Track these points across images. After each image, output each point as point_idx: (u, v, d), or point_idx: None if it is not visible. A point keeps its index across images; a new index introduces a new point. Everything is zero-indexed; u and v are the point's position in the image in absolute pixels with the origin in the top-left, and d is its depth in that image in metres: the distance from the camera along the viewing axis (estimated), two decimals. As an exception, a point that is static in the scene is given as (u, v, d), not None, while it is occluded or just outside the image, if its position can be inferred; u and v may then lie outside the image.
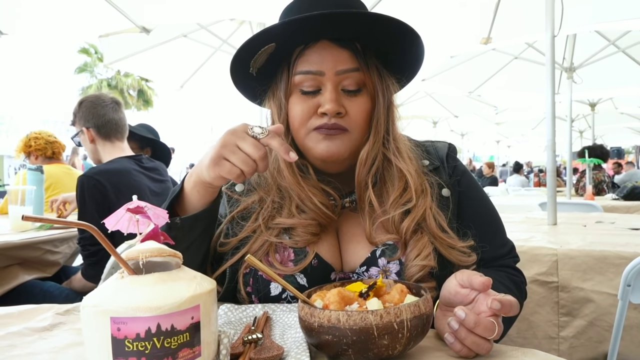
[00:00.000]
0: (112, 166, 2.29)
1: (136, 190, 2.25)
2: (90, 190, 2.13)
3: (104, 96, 2.48)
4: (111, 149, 2.42)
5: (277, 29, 0.93)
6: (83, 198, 2.14)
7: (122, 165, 2.32)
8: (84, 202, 2.14)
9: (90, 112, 2.39)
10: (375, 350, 0.65)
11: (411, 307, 0.66)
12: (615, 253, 1.70)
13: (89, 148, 2.46)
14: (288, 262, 0.95)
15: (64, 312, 0.93)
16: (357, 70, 0.96)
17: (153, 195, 2.41)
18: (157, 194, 2.43)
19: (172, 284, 0.59)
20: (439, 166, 1.07)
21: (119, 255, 0.60)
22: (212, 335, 0.63)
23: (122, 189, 2.21)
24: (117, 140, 2.45)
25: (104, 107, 2.41)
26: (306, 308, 0.69)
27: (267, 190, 1.02)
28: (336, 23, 0.93)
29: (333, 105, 0.93)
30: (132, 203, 0.67)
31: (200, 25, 5.26)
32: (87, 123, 2.40)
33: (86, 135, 2.41)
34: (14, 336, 0.80)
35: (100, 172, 2.20)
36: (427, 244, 0.94)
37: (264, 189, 1.03)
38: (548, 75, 2.62)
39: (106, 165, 2.32)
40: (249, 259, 0.69)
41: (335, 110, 0.93)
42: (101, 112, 2.39)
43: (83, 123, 2.41)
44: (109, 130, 2.41)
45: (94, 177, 2.15)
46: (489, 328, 0.69)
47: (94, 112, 2.39)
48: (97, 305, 0.56)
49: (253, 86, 1.06)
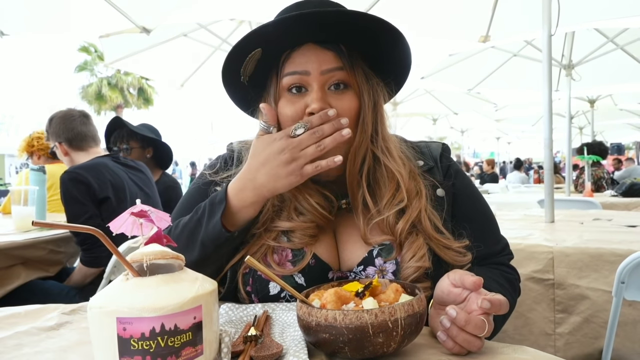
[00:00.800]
0: (88, 163, 2.41)
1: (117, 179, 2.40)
2: (73, 182, 2.25)
3: (72, 111, 2.61)
4: (86, 155, 2.54)
5: (259, 32, 0.96)
6: (67, 192, 2.25)
7: (97, 160, 2.45)
8: (69, 196, 2.25)
9: (59, 127, 2.53)
10: (370, 347, 0.67)
11: (405, 306, 0.68)
12: (610, 250, 1.73)
13: (66, 161, 2.60)
14: (286, 263, 0.98)
15: (70, 312, 0.95)
16: (341, 69, 0.98)
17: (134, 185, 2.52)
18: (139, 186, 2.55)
19: (175, 285, 0.61)
20: (433, 166, 1.09)
21: (124, 258, 0.63)
22: (214, 334, 0.66)
23: (103, 179, 2.34)
24: (90, 147, 2.58)
25: (72, 121, 2.54)
26: (304, 307, 0.71)
27: None
28: (319, 25, 0.95)
29: (319, 103, 0.95)
30: (136, 207, 0.70)
31: (200, 24, 5.28)
32: (59, 138, 2.54)
33: (59, 150, 2.55)
34: (22, 335, 0.82)
35: (78, 167, 2.33)
36: (422, 245, 0.96)
37: None
38: (545, 76, 2.64)
39: (83, 163, 2.43)
40: (248, 261, 0.72)
41: (322, 108, 0.95)
42: (70, 126, 2.53)
43: (55, 138, 2.55)
44: (80, 141, 2.54)
45: (74, 171, 2.28)
46: (479, 326, 0.71)
47: (63, 127, 2.52)
48: (104, 306, 0.59)
49: (245, 96, 1.08)
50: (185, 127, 30.53)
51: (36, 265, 2.31)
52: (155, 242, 0.69)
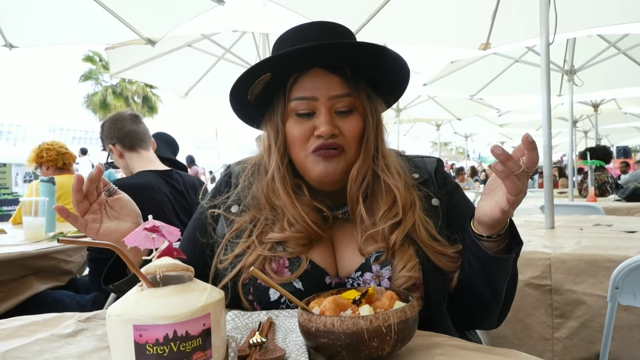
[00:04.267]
0: (136, 181, 2.34)
1: (156, 206, 2.29)
2: None
3: (122, 112, 2.59)
4: (138, 159, 2.48)
5: (270, 62, 1.02)
6: None
7: (147, 180, 2.35)
8: None
9: (111, 129, 2.49)
10: (366, 351, 0.73)
11: (398, 312, 0.74)
12: (606, 257, 1.77)
13: (121, 164, 2.55)
14: (284, 270, 1.03)
15: (85, 320, 1.01)
16: (349, 96, 1.04)
17: (173, 212, 2.42)
18: (177, 214, 2.44)
19: (186, 295, 0.67)
20: (428, 179, 1.14)
21: (139, 270, 0.69)
22: (222, 340, 0.71)
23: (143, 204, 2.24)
24: (142, 149, 2.51)
25: (123, 120, 2.50)
26: (305, 314, 0.77)
27: (259, 210, 1.10)
28: (325, 52, 1.02)
29: (328, 127, 1.01)
30: (148, 222, 0.76)
31: (203, 35, 5.37)
32: (112, 140, 2.49)
33: (114, 152, 2.50)
34: (43, 342, 0.88)
35: (123, 187, 2.23)
36: (413, 256, 1.01)
37: (256, 208, 1.10)
38: (544, 83, 2.68)
39: (131, 179, 2.38)
40: (253, 272, 0.77)
41: (330, 133, 1.01)
42: (120, 125, 2.49)
43: (109, 141, 2.51)
44: (132, 140, 2.48)
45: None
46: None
47: (114, 127, 2.49)
48: (121, 315, 0.64)
49: (250, 112, 1.14)
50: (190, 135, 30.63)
51: (47, 275, 2.38)
52: (167, 255, 0.74)
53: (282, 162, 1.08)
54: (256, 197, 1.11)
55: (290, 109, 1.06)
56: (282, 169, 1.08)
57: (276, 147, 1.08)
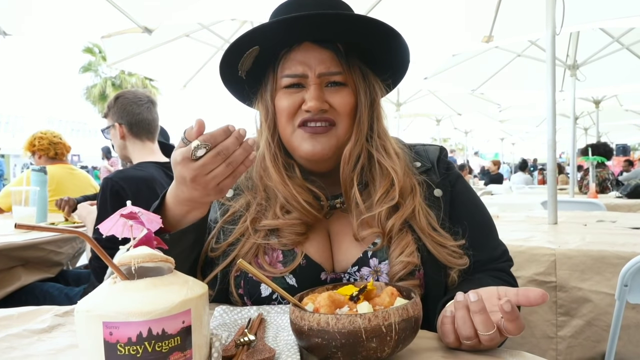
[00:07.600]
0: (139, 173, 2.22)
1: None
2: (113, 196, 2.07)
3: (140, 94, 2.43)
4: (141, 148, 2.37)
5: (258, 31, 0.96)
6: (105, 201, 2.08)
7: (150, 173, 2.24)
8: (105, 205, 2.08)
9: (125, 109, 2.34)
10: (364, 353, 0.66)
11: (399, 310, 0.67)
12: (613, 253, 1.70)
13: (118, 143, 2.39)
14: (277, 264, 0.97)
15: (63, 314, 0.94)
16: (340, 74, 0.99)
17: None
18: None
19: (163, 289, 0.60)
20: (430, 168, 1.08)
21: (112, 261, 0.62)
22: (204, 339, 0.64)
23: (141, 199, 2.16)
24: (147, 140, 2.40)
25: (140, 105, 2.36)
26: (297, 311, 0.70)
27: (254, 193, 1.04)
28: (317, 25, 0.95)
29: (316, 102, 0.95)
30: (126, 209, 0.69)
31: (202, 25, 5.28)
32: (120, 119, 2.34)
33: (117, 131, 2.35)
34: (12, 338, 0.81)
35: (126, 179, 2.14)
36: (411, 242, 0.95)
37: (251, 191, 1.05)
38: (549, 77, 2.61)
39: (135, 170, 2.25)
40: (240, 263, 0.70)
41: (318, 108, 0.95)
42: (136, 110, 2.34)
43: (116, 118, 2.35)
44: (141, 129, 2.36)
45: (119, 182, 2.09)
46: (487, 324, 0.70)
47: (129, 109, 2.34)
48: (90, 310, 0.58)
49: (243, 89, 1.08)
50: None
51: (36, 266, 2.31)
52: (145, 245, 0.68)
53: (272, 138, 1.03)
54: (251, 177, 1.06)
55: (279, 84, 1.01)
56: (272, 146, 1.02)
57: (267, 124, 1.03)
